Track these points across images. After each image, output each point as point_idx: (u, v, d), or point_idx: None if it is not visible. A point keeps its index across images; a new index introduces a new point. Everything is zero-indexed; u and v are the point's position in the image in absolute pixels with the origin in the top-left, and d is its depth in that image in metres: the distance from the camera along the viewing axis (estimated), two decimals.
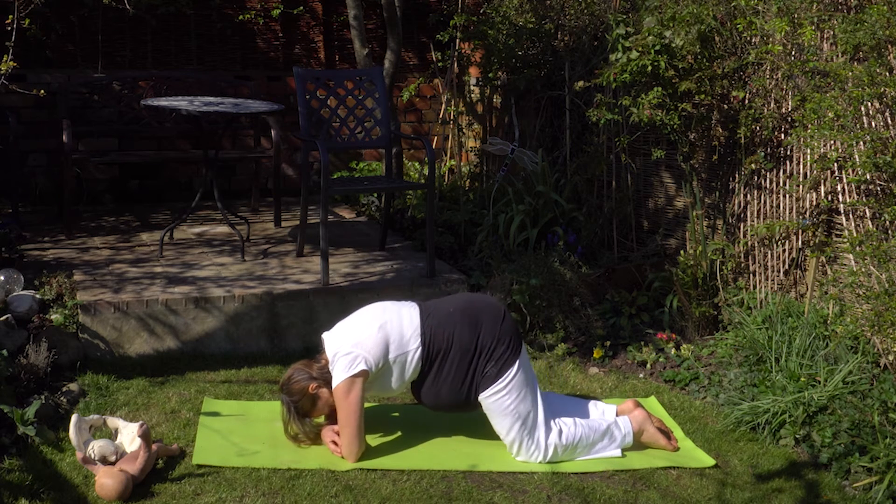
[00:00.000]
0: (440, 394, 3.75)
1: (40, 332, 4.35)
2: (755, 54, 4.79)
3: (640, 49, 5.01)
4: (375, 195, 6.73)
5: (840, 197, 4.51)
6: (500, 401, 3.71)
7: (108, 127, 6.57)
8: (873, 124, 4.31)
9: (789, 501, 3.55)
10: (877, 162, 4.08)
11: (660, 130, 5.20)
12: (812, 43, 4.55)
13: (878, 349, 4.11)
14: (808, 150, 4.65)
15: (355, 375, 3.64)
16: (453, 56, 6.90)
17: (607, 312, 5.12)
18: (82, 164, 6.43)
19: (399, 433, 3.95)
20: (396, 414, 4.17)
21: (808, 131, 4.36)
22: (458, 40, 6.86)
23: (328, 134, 5.52)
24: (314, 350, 4.80)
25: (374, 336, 3.69)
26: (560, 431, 3.76)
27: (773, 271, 4.85)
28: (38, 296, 4.59)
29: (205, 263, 5.30)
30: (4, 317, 4.36)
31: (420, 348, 3.71)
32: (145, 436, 3.47)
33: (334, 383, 3.68)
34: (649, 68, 4.98)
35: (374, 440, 3.83)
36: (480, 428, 3.96)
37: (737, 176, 5.07)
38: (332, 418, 3.82)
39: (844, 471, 3.71)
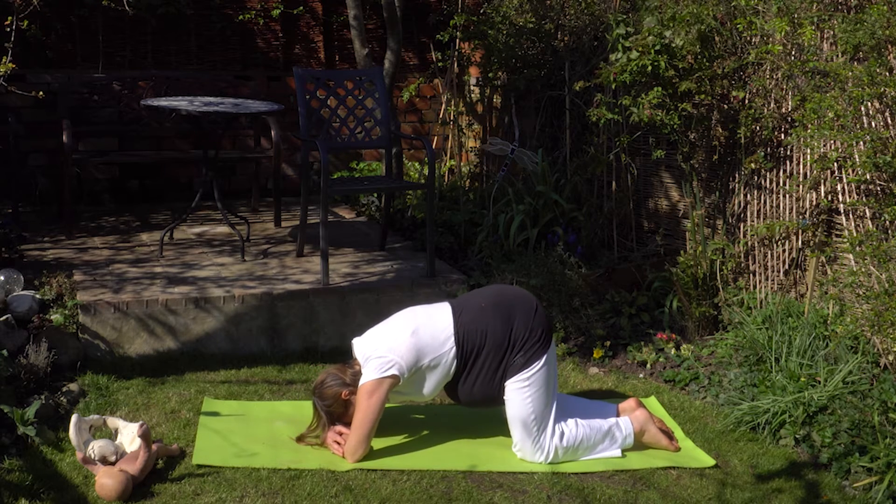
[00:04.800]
0: (474, 389, 3.75)
1: (40, 332, 4.35)
2: (755, 54, 4.79)
3: (640, 49, 5.01)
4: (375, 195, 6.73)
5: (840, 197, 4.51)
6: (520, 391, 3.69)
7: (108, 127, 6.57)
8: (873, 124, 4.31)
9: (789, 501, 3.55)
10: (877, 162, 4.08)
11: (660, 130, 5.19)
12: (812, 43, 4.55)
13: (878, 349, 4.11)
14: (808, 150, 4.65)
15: (384, 378, 3.63)
16: (453, 56, 6.90)
17: (607, 312, 5.12)
18: (82, 164, 6.43)
19: (399, 433, 3.95)
20: (396, 414, 4.16)
21: (808, 131, 4.36)
22: (458, 40, 6.86)
23: (328, 134, 5.52)
24: (314, 350, 4.81)
25: (406, 342, 3.67)
26: (562, 434, 3.75)
27: (773, 271, 4.85)
28: (38, 296, 4.59)
29: (205, 263, 5.30)
30: (4, 317, 4.36)
31: (455, 348, 3.70)
32: (145, 436, 3.47)
33: (361, 382, 3.66)
34: (649, 68, 4.98)
35: (374, 440, 3.82)
36: (480, 428, 3.97)
37: (737, 176, 5.07)
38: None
39: (844, 471, 3.70)
